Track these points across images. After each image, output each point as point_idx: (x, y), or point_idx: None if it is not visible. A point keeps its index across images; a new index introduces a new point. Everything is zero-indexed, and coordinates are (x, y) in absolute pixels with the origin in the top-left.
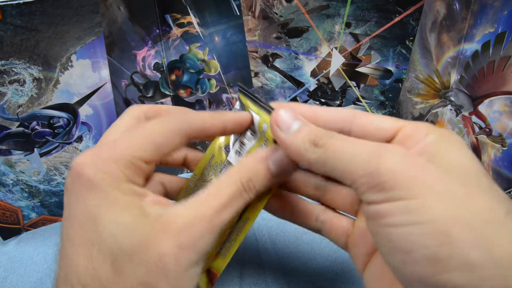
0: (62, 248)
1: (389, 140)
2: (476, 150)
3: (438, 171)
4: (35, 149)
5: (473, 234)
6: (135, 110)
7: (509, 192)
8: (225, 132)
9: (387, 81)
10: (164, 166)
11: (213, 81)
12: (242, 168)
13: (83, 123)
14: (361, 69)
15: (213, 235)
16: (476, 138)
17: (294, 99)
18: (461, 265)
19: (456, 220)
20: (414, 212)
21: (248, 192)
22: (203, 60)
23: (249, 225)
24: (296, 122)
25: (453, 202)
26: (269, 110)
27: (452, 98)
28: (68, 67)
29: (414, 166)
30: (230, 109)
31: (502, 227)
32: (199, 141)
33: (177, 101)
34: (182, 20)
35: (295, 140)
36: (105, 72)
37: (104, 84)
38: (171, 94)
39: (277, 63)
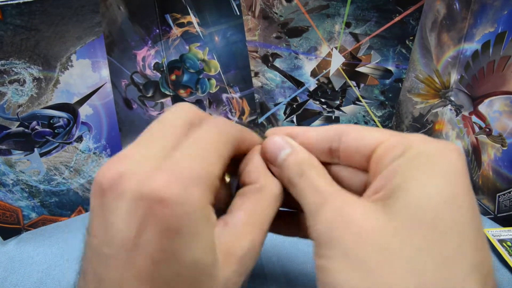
0: (109, 275)
1: (369, 158)
2: (476, 150)
3: (360, 234)
4: (35, 149)
5: None
6: (183, 116)
7: (510, 193)
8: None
9: (387, 81)
10: None
11: (213, 81)
12: (268, 193)
13: (83, 123)
14: (361, 69)
15: (256, 261)
16: (476, 138)
17: (294, 99)
18: None
19: None
20: (327, 273)
21: (278, 201)
22: (203, 60)
23: None
24: (281, 153)
25: (359, 272)
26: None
27: (452, 98)
28: (68, 67)
29: (339, 228)
30: (230, 109)
31: None
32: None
33: (177, 101)
34: (182, 20)
35: (278, 174)
36: (105, 72)
37: (104, 84)
38: (171, 94)
39: (277, 63)
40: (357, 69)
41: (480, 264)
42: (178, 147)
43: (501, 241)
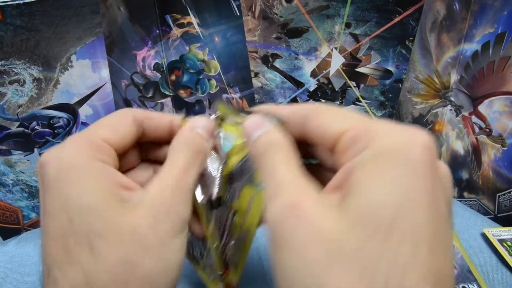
0: (41, 246)
1: (334, 146)
2: (476, 150)
3: (311, 235)
4: (35, 149)
5: None
6: (123, 113)
7: (510, 192)
8: (172, 130)
9: (387, 82)
10: None
11: (213, 81)
12: (182, 140)
13: (83, 123)
14: (361, 69)
15: (184, 200)
16: (476, 138)
17: (294, 100)
18: None
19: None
20: (281, 268)
21: (198, 154)
22: (203, 61)
23: (252, 234)
24: (256, 132)
25: (310, 273)
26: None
27: (452, 98)
28: (68, 67)
29: (290, 222)
30: None
31: None
32: (156, 138)
33: (177, 101)
34: (182, 21)
35: (252, 149)
36: (105, 72)
37: (104, 85)
38: (171, 94)
39: (277, 63)
40: (357, 69)
41: (436, 269)
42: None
43: (501, 241)
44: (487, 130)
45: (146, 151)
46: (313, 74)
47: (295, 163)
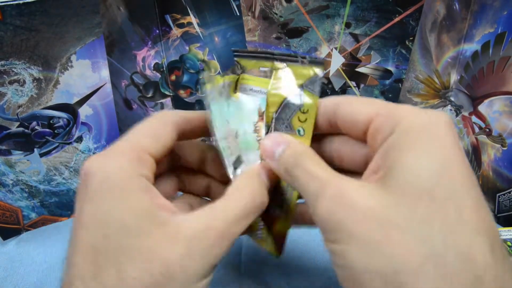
0: (68, 255)
1: (365, 132)
2: (476, 150)
3: (362, 214)
4: (35, 149)
5: (383, 283)
6: (162, 117)
7: (509, 193)
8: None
9: (387, 81)
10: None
11: None
12: (246, 187)
13: (83, 123)
14: (361, 69)
15: (223, 249)
16: (476, 138)
17: None
18: None
19: (366, 269)
20: (338, 256)
21: (256, 208)
22: (203, 61)
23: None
24: (278, 149)
25: (367, 249)
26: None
27: (452, 98)
28: (68, 67)
29: (340, 212)
30: None
31: (413, 277)
32: (192, 137)
33: (177, 101)
34: (182, 21)
35: (277, 168)
36: (105, 72)
37: (104, 85)
38: (171, 94)
39: None
40: (357, 69)
41: (484, 228)
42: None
43: None
44: (487, 130)
45: (174, 156)
46: None
47: (324, 164)
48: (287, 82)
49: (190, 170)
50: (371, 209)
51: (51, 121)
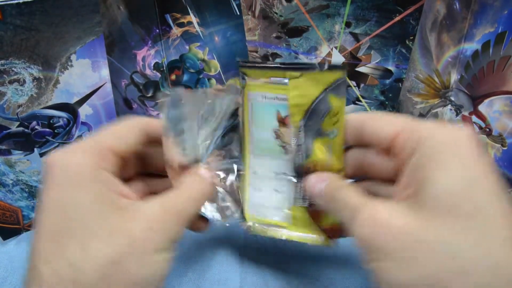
0: (31, 243)
1: (390, 147)
2: None
3: (395, 232)
4: (35, 149)
5: None
6: (132, 121)
7: (510, 192)
8: None
9: (387, 81)
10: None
11: (213, 81)
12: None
13: (83, 123)
14: (361, 69)
15: (182, 226)
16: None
17: None
18: None
19: (403, 284)
20: (377, 273)
21: (203, 195)
22: (203, 60)
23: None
24: (320, 186)
25: (401, 266)
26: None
27: (452, 98)
28: (68, 66)
29: (374, 233)
30: None
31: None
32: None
33: None
34: (182, 20)
35: (323, 203)
36: (105, 72)
37: (104, 84)
38: None
39: None
40: (357, 69)
41: None
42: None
43: None
44: (487, 130)
45: (144, 162)
46: None
47: (359, 192)
48: (307, 90)
49: (159, 176)
50: (402, 228)
51: (51, 121)
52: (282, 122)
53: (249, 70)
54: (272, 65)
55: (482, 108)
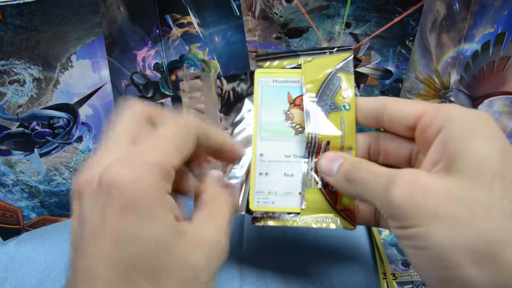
0: (85, 267)
1: (413, 128)
2: None
3: (441, 196)
4: (35, 149)
5: (474, 257)
6: (138, 113)
7: None
8: (224, 149)
9: (387, 81)
10: None
11: None
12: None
13: (83, 123)
14: (361, 69)
15: (228, 246)
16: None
17: None
18: (464, 287)
19: (456, 245)
20: (420, 238)
21: (232, 212)
22: (203, 60)
23: (354, 149)
24: (334, 165)
25: (453, 228)
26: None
27: (452, 98)
28: (68, 67)
29: (418, 196)
30: None
31: (505, 247)
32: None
33: (177, 101)
34: (182, 20)
35: (336, 181)
36: (105, 72)
37: (104, 84)
38: (171, 94)
39: None
40: (357, 69)
41: None
42: (138, 142)
43: None
44: None
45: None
46: None
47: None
48: (319, 70)
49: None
50: (450, 191)
51: (51, 121)
52: (294, 103)
53: (265, 63)
54: (287, 54)
55: (482, 108)
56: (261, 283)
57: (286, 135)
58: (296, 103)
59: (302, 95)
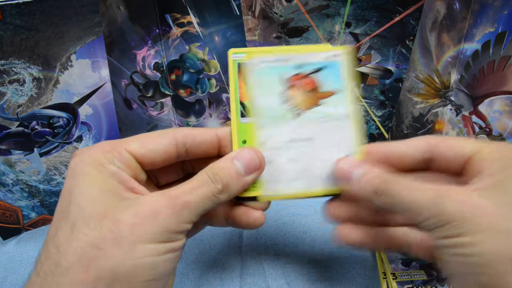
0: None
1: (464, 165)
2: None
3: (490, 209)
4: (35, 149)
5: None
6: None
7: None
8: (221, 143)
9: (387, 81)
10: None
11: (213, 81)
12: (211, 166)
13: (83, 123)
14: (361, 69)
15: (175, 214)
16: (476, 138)
17: None
18: None
19: (500, 254)
20: (467, 246)
21: (216, 183)
22: (203, 60)
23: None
24: (356, 171)
25: (499, 238)
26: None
27: (452, 98)
28: (68, 66)
29: (469, 210)
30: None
31: None
32: (199, 156)
33: (177, 101)
34: (182, 20)
35: (360, 190)
36: (105, 72)
37: (104, 84)
38: (171, 94)
39: None
40: (357, 69)
41: None
42: None
43: None
44: (487, 129)
45: (194, 165)
46: None
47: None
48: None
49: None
50: (497, 208)
51: (51, 121)
52: (290, 84)
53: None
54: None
55: (482, 108)
56: (262, 283)
57: (286, 119)
58: (293, 82)
59: (297, 74)
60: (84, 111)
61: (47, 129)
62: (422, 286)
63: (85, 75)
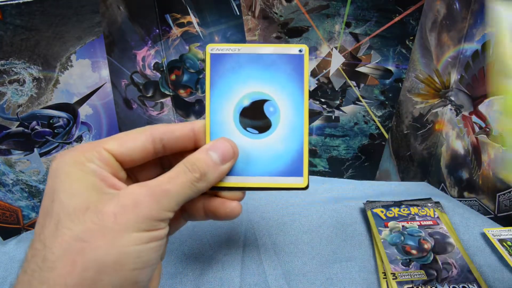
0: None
1: None
2: (476, 150)
3: None
4: (35, 149)
5: None
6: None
7: (510, 192)
8: (197, 137)
9: (387, 81)
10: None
11: None
12: (188, 157)
13: (83, 123)
14: (361, 69)
15: (155, 202)
16: (476, 138)
17: None
18: None
19: None
20: None
21: (193, 172)
22: (203, 60)
23: None
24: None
25: None
26: None
27: (452, 98)
28: (68, 67)
29: None
30: None
31: None
32: (177, 151)
33: (177, 100)
34: (182, 20)
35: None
36: (105, 72)
37: (104, 84)
38: (171, 93)
39: None
40: (357, 69)
41: None
42: None
43: (501, 241)
44: (487, 129)
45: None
46: (313, 74)
47: None
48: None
49: None
50: None
51: (51, 121)
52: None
53: None
54: None
55: (482, 108)
56: (262, 283)
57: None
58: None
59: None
60: (84, 111)
61: (47, 129)
62: (422, 286)
63: (85, 75)
